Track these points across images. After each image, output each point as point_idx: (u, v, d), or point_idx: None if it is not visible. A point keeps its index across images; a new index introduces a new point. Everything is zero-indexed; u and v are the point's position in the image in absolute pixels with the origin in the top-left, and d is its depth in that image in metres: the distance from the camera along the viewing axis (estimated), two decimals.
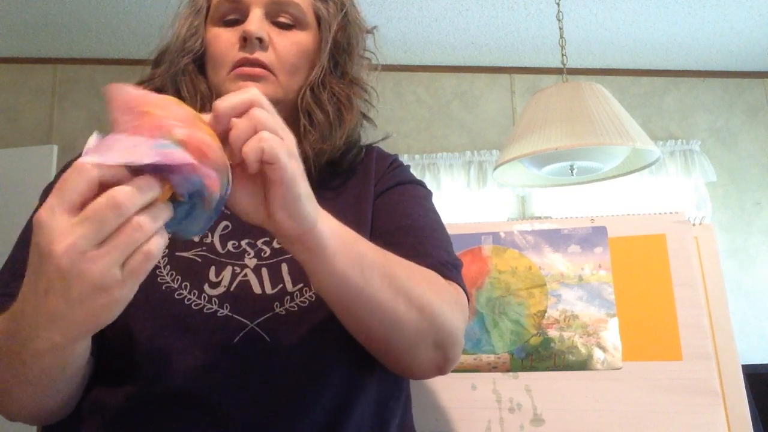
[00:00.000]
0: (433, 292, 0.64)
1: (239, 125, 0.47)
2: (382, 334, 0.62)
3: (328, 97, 0.76)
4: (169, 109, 0.43)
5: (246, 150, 0.47)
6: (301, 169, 0.51)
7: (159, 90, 0.77)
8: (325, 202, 0.74)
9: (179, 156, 0.42)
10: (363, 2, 0.85)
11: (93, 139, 0.43)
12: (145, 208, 0.42)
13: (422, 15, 2.87)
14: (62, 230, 0.41)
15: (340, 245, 0.56)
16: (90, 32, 3.02)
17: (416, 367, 0.67)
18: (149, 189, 0.42)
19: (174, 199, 0.44)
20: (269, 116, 0.49)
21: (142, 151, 0.41)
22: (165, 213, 0.44)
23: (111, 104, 0.44)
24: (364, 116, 0.83)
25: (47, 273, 0.42)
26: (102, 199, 0.41)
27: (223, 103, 0.48)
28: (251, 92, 0.49)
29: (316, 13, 0.78)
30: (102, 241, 0.41)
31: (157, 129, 0.42)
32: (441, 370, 0.68)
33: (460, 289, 0.70)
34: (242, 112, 0.48)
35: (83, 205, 0.42)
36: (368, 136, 0.84)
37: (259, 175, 0.49)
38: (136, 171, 0.42)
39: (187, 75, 0.76)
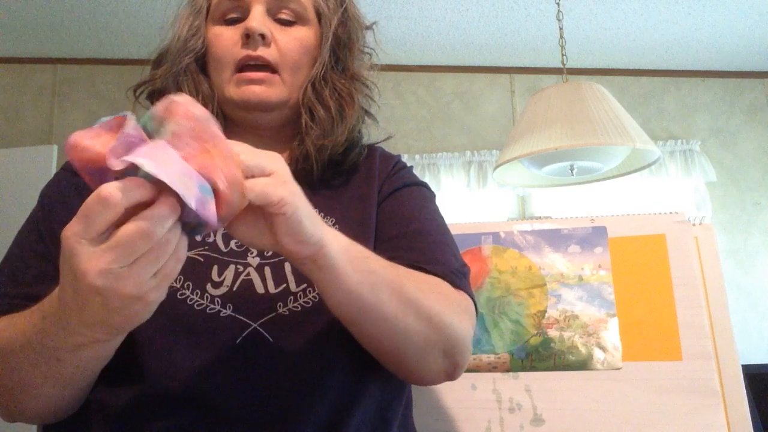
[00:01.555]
0: (441, 303, 0.65)
1: None
2: (392, 346, 0.63)
3: (329, 93, 0.76)
4: (221, 149, 0.46)
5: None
6: (297, 193, 0.50)
7: (161, 91, 0.76)
8: (327, 201, 0.74)
9: (208, 211, 0.44)
10: (363, 2, 0.85)
11: (132, 125, 0.44)
12: None
13: (422, 15, 2.86)
14: (92, 255, 0.42)
15: (350, 263, 0.56)
16: (90, 32, 3.02)
17: (426, 375, 0.68)
18: (173, 215, 0.44)
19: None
20: (247, 154, 0.48)
21: (191, 186, 0.43)
22: (179, 224, 0.46)
23: (174, 113, 0.45)
24: (366, 112, 0.83)
25: (82, 291, 0.44)
26: (132, 228, 0.42)
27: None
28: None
29: (316, 9, 0.78)
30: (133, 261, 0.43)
31: (207, 171, 0.45)
32: (450, 377, 0.69)
33: (468, 297, 0.71)
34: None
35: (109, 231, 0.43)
36: (370, 135, 0.84)
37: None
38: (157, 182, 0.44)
39: (189, 75, 0.76)
